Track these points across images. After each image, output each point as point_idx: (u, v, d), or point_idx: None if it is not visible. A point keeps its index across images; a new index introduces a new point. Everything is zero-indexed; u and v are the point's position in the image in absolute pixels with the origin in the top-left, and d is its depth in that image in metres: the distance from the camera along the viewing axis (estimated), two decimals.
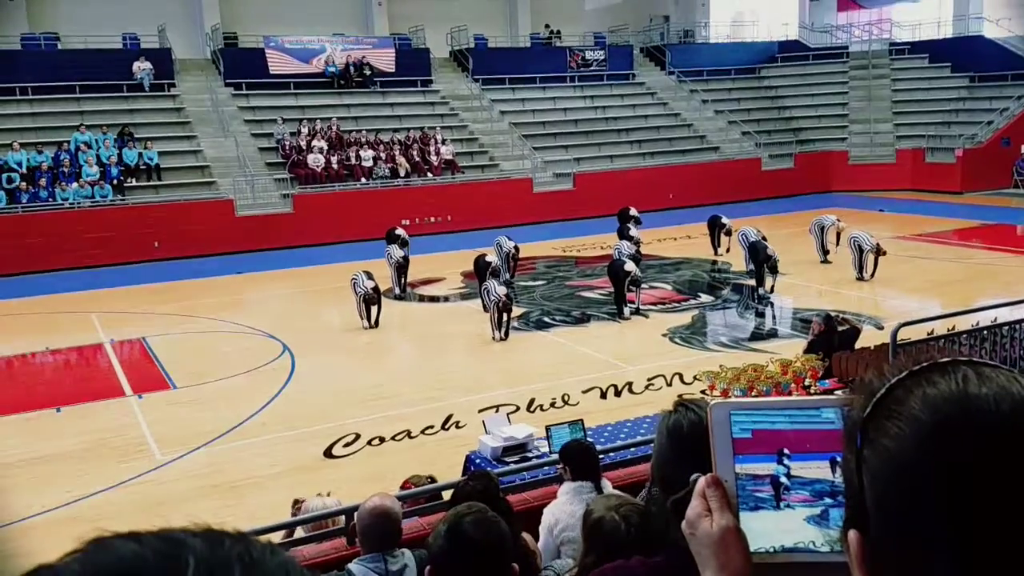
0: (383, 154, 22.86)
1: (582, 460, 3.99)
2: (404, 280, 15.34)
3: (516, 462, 6.39)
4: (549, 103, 27.45)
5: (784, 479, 0.85)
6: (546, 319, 13.43)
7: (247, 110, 23.94)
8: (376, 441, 8.67)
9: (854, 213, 20.68)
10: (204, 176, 21.57)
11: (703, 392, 8.84)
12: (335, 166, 22.22)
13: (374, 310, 13.03)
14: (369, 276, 13.06)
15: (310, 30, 25.69)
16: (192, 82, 24.20)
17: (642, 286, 13.55)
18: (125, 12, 24.47)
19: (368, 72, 25.34)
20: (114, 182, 20.26)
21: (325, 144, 22.53)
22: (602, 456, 4.67)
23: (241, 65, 24.45)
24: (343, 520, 4.68)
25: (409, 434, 8.79)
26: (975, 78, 27.94)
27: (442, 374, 10.87)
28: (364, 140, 23.11)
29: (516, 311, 12.93)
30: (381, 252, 15.85)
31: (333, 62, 25.13)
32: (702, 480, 0.88)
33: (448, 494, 4.99)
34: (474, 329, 12.73)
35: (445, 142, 23.80)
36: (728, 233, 17.34)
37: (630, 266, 13.26)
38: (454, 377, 10.72)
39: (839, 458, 0.78)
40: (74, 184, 19.83)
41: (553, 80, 27.87)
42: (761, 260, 14.27)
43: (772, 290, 14.26)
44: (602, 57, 28.65)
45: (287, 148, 22.40)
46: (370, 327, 13.03)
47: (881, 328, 11.23)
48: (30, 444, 8.92)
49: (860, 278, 14.78)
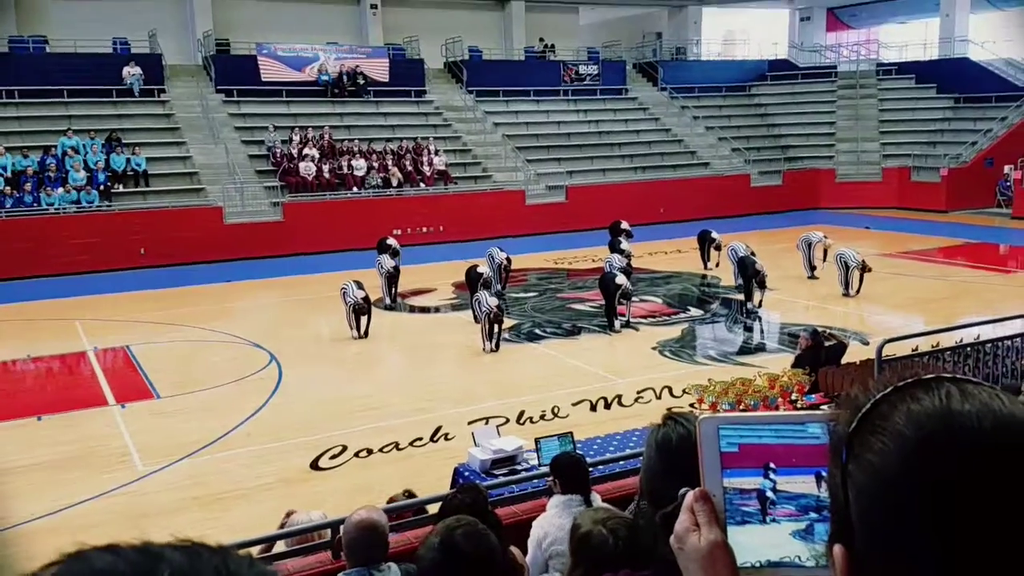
0: (376, 163, 22.86)
1: (572, 473, 3.98)
2: (395, 290, 15.31)
3: (505, 475, 6.37)
4: (542, 116, 27.57)
5: (770, 493, 0.86)
6: (537, 331, 13.43)
7: (238, 117, 23.89)
8: (364, 453, 8.62)
9: (841, 230, 20.82)
10: (193, 183, 21.49)
11: (692, 405, 8.86)
12: (327, 175, 22.20)
13: (364, 320, 12.99)
14: (359, 286, 13.02)
15: (303, 38, 25.71)
16: (182, 88, 24.14)
17: (633, 299, 13.58)
18: (116, 17, 24.42)
19: (361, 81, 25.37)
20: (101, 188, 20.13)
21: (317, 152, 22.51)
22: (591, 469, 4.66)
23: (233, 72, 24.42)
24: (329, 533, 4.65)
25: (397, 446, 8.75)
26: (960, 99, 28.29)
27: (432, 385, 10.83)
28: (357, 149, 23.10)
29: (507, 323, 12.90)
30: (372, 262, 15.82)
31: (326, 71, 25.15)
32: (690, 495, 0.88)
33: (434, 507, 4.97)
34: (465, 340, 12.70)
35: (438, 153, 23.83)
36: (718, 248, 17.42)
37: (621, 279, 13.29)
38: (444, 388, 10.68)
39: (824, 473, 0.79)
40: (60, 189, 19.69)
41: (546, 93, 28.01)
42: (750, 275, 14.34)
43: (760, 305, 14.32)
44: (595, 72, 28.83)
45: (278, 156, 22.36)
46: (359, 337, 12.98)
47: (866, 344, 11.28)
48: (10, 453, 8.81)
49: (846, 294, 14.88)
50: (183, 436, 9.16)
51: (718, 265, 17.35)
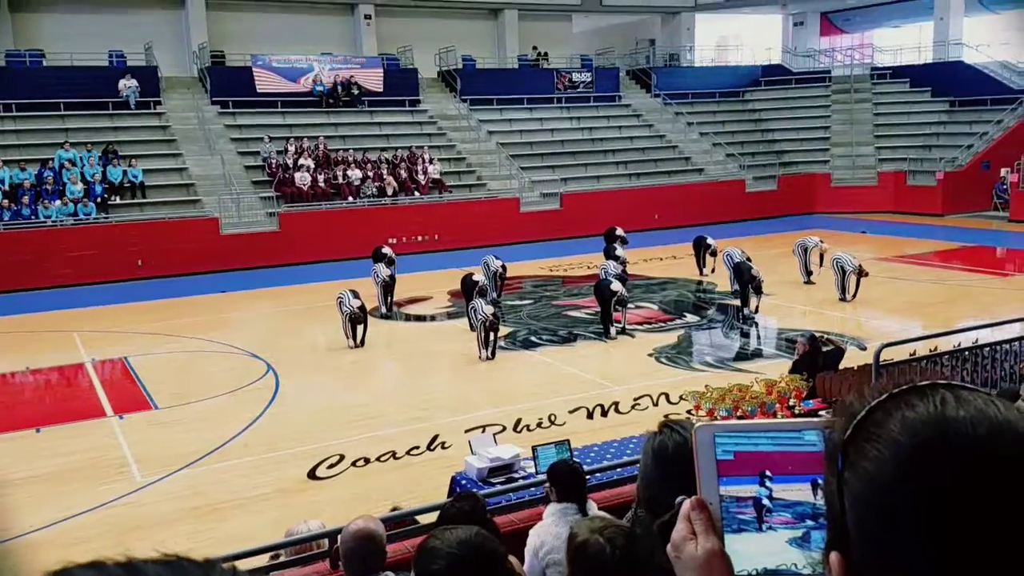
0: (371, 173, 22.89)
1: (567, 481, 3.98)
2: (390, 299, 15.31)
3: (502, 483, 6.36)
4: (536, 124, 27.62)
5: (766, 501, 0.86)
6: (533, 338, 13.42)
7: (233, 128, 23.91)
8: (361, 462, 8.60)
9: (837, 235, 20.87)
10: (189, 194, 21.50)
11: (689, 412, 8.86)
12: (322, 184, 22.21)
13: (360, 329, 12.98)
14: (355, 295, 13.02)
15: (298, 49, 25.77)
16: (178, 100, 24.16)
17: (628, 306, 13.58)
18: (111, 30, 24.47)
19: (356, 91, 25.41)
20: (98, 200, 20.13)
21: (312, 163, 22.53)
22: (588, 477, 4.65)
23: (228, 83, 24.46)
24: (326, 543, 4.63)
25: (394, 455, 8.73)
26: (955, 103, 28.37)
27: (428, 394, 10.82)
28: (352, 159, 23.13)
29: (503, 330, 12.91)
30: (368, 271, 15.82)
31: (321, 81, 25.20)
32: (687, 503, 0.88)
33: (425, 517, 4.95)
34: (461, 348, 12.69)
35: (433, 161, 23.86)
36: (713, 254, 17.44)
37: (616, 286, 13.30)
38: (440, 397, 10.67)
39: (820, 480, 0.79)
40: (57, 202, 19.69)
41: (540, 101, 28.08)
42: (746, 281, 14.35)
43: (757, 310, 14.33)
44: (589, 79, 28.91)
45: (274, 166, 22.38)
46: (356, 346, 12.97)
47: (864, 349, 11.30)
48: (9, 465, 8.78)
49: (843, 299, 14.89)
50: (181, 447, 9.14)
51: (714, 271, 17.37)
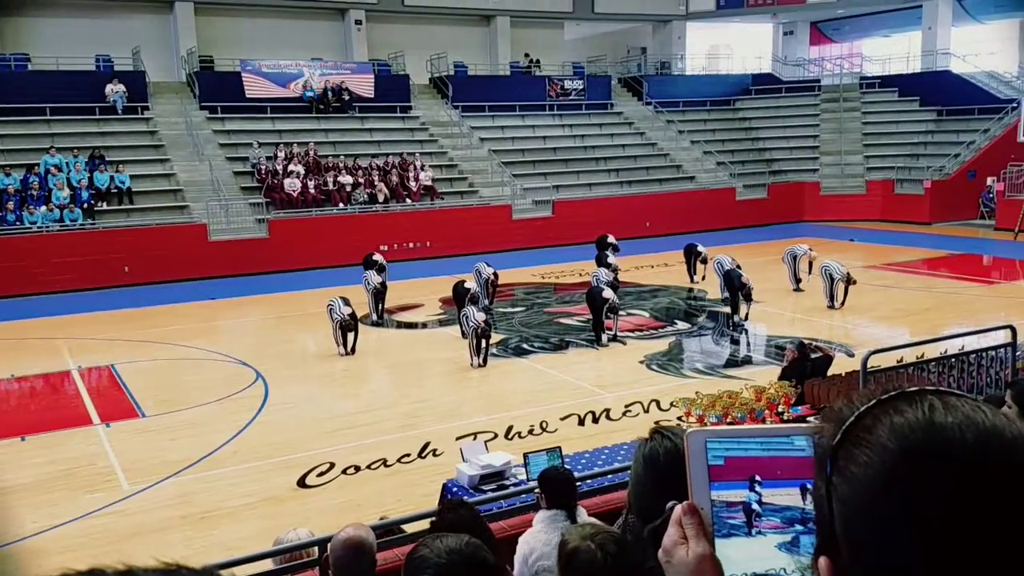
0: (362, 179, 22.86)
1: (556, 488, 3.98)
2: (382, 306, 15.27)
3: (493, 490, 6.35)
4: (528, 131, 27.68)
5: (756, 506, 0.86)
6: (525, 346, 13.42)
7: (222, 134, 23.84)
8: (351, 470, 8.56)
9: (825, 243, 21.00)
10: (177, 200, 21.40)
11: (679, 419, 8.87)
12: (312, 191, 22.17)
13: (351, 336, 12.94)
14: (346, 302, 12.98)
15: (288, 54, 25.74)
16: (166, 105, 24.07)
17: (620, 313, 13.61)
18: (99, 34, 24.38)
19: (347, 97, 25.39)
20: (84, 206, 20.02)
21: (302, 169, 22.48)
22: (579, 483, 4.65)
23: (217, 88, 24.39)
24: (316, 551, 4.60)
25: (385, 462, 8.70)
26: (943, 112, 28.63)
27: (419, 401, 10.79)
28: (342, 165, 23.10)
29: (495, 337, 12.90)
30: (358, 278, 15.78)
31: (311, 87, 25.17)
32: (678, 508, 0.88)
33: (411, 526, 4.93)
34: (452, 356, 12.68)
35: (424, 168, 23.86)
36: (704, 261, 17.50)
37: (608, 293, 13.31)
38: (431, 404, 10.64)
39: (809, 485, 0.79)
40: (43, 208, 19.57)
41: (532, 108, 28.14)
42: (736, 288, 14.40)
43: (746, 318, 14.38)
44: (581, 87, 29.01)
45: (263, 172, 22.32)
46: (346, 354, 12.93)
47: (852, 356, 11.35)
48: None
49: (831, 306, 14.96)
50: (169, 455, 9.08)
51: (704, 278, 17.43)
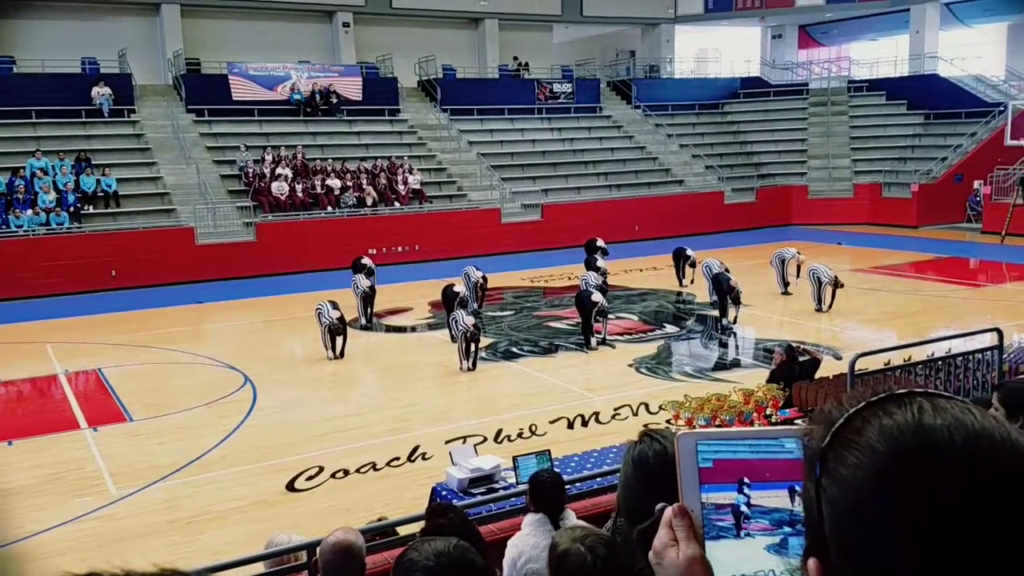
0: (350, 183, 22.80)
1: (541, 492, 3.99)
2: (370, 310, 15.23)
3: (483, 493, 6.34)
4: (517, 134, 27.69)
5: (745, 508, 0.86)
6: (514, 349, 13.42)
7: (209, 136, 23.73)
8: (340, 474, 8.53)
9: (813, 246, 21.10)
10: (164, 204, 21.28)
11: (668, 422, 8.89)
12: (300, 194, 22.09)
13: (339, 340, 12.90)
14: (334, 306, 12.94)
15: (275, 57, 25.64)
16: (153, 108, 23.93)
17: (609, 317, 13.62)
18: (85, 37, 24.20)
19: (334, 100, 25.33)
20: (71, 209, 19.88)
21: (290, 172, 22.40)
22: (568, 486, 4.65)
23: (203, 91, 24.26)
24: (305, 555, 4.58)
25: (374, 466, 8.67)
26: (930, 116, 28.83)
27: (408, 405, 10.76)
28: (331, 168, 23.03)
29: (484, 341, 12.88)
30: (347, 282, 15.73)
31: (299, 89, 25.09)
32: (669, 510, 0.88)
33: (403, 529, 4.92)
34: (441, 359, 12.66)
35: (413, 171, 23.83)
36: (692, 265, 17.56)
37: (597, 297, 13.33)
38: (420, 408, 10.62)
39: (798, 487, 0.79)
40: (29, 211, 19.42)
41: (521, 111, 28.16)
42: (724, 291, 14.45)
43: (735, 321, 14.43)
44: (569, 90, 29.05)
45: (250, 176, 22.22)
46: (335, 358, 12.88)
47: (839, 358, 11.41)
48: None
49: (819, 309, 15.04)
50: (157, 459, 9.02)
51: (693, 282, 17.48)
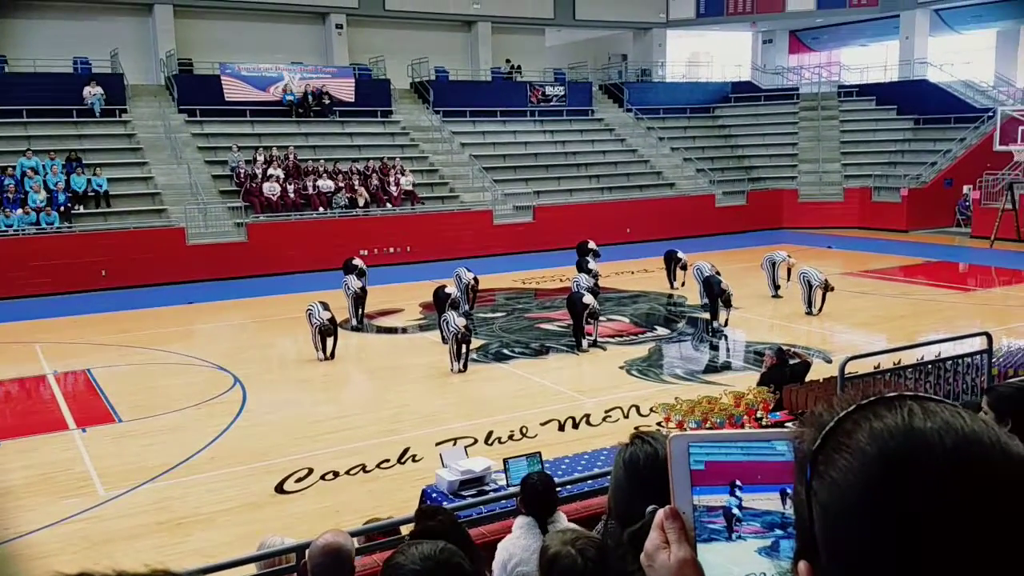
0: (342, 184, 22.76)
1: (531, 496, 3.98)
2: (361, 311, 15.20)
3: (473, 495, 6.33)
4: (509, 136, 27.71)
5: (736, 511, 0.86)
6: (505, 351, 13.41)
7: (201, 137, 23.65)
8: (330, 476, 8.50)
9: (804, 249, 21.18)
10: (155, 204, 21.19)
11: (659, 424, 8.90)
12: (292, 195, 22.04)
13: (330, 341, 12.87)
14: (325, 307, 12.91)
15: (267, 58, 25.58)
16: (144, 108, 23.84)
17: (600, 319, 13.64)
18: (76, 36, 24.09)
19: (327, 101, 25.30)
20: (61, 209, 19.78)
21: (282, 173, 22.35)
22: (559, 489, 4.65)
23: (195, 91, 24.18)
24: (294, 557, 4.57)
25: (364, 468, 8.65)
26: (920, 121, 29.01)
27: (399, 406, 10.74)
28: (323, 169, 22.99)
29: (475, 343, 12.88)
30: (338, 282, 15.70)
31: (291, 90, 25.04)
32: (660, 512, 0.88)
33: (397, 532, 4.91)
34: (432, 361, 12.64)
35: (405, 173, 23.81)
36: (684, 267, 17.60)
37: (588, 299, 13.34)
38: (411, 409, 10.60)
39: (789, 490, 0.79)
40: (19, 211, 19.31)
41: (513, 114, 28.18)
42: (715, 294, 14.49)
43: (726, 324, 14.47)
44: (562, 93, 29.10)
45: (242, 176, 22.16)
46: (326, 359, 12.85)
47: (829, 362, 11.45)
48: None
49: (809, 313, 15.09)
50: (146, 460, 8.98)
51: (684, 284, 17.52)
